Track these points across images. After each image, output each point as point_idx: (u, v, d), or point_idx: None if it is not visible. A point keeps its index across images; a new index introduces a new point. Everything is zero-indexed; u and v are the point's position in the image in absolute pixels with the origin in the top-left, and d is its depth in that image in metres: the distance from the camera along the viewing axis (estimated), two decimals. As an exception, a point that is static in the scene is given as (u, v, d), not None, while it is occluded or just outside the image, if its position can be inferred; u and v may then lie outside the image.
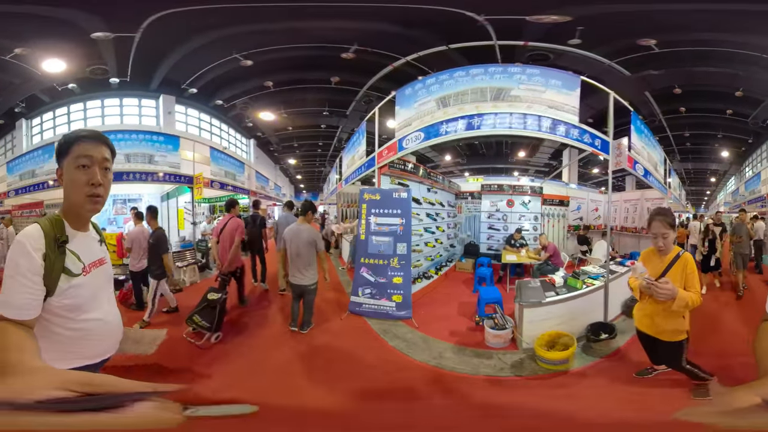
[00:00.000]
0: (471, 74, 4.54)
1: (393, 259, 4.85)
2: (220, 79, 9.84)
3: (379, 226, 4.98)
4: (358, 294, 4.85)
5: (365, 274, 4.91)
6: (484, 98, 4.34)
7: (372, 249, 4.94)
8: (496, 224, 8.68)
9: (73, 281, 1.13)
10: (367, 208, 5.06)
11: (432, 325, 4.38)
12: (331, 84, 10.49)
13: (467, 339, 3.96)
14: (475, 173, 14.50)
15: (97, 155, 1.13)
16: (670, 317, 2.24)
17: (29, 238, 1.07)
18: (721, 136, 10.52)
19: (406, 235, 4.94)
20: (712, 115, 9.53)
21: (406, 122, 5.32)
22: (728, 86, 8.64)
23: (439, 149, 14.35)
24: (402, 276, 4.83)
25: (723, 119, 9.54)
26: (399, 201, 5.00)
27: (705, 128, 10.15)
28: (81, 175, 1.12)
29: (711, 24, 6.81)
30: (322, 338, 3.99)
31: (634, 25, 6.53)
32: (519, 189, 8.71)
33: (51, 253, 1.08)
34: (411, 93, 5.31)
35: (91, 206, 1.16)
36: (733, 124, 9.67)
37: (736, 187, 12.68)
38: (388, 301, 4.73)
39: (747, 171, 11.64)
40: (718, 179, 14.31)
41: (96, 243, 1.30)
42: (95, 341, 1.24)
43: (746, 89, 8.66)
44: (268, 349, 3.76)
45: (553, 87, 4.15)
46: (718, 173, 13.75)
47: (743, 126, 9.57)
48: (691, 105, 9.33)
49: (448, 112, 4.72)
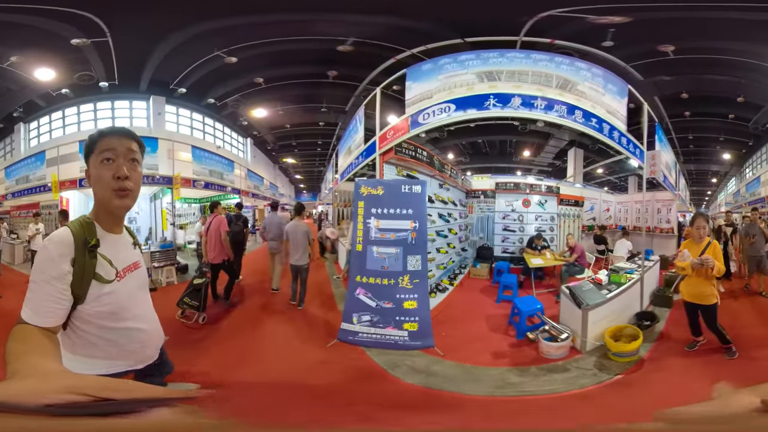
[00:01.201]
0: (533, 58, 4.56)
1: (402, 277, 3.91)
2: (209, 77, 9.89)
3: (383, 233, 3.99)
4: (352, 321, 3.94)
5: (362, 297, 3.95)
6: (549, 83, 4.46)
7: (372, 264, 3.95)
8: (511, 225, 8.70)
9: (106, 288, 1.10)
10: (365, 207, 4.07)
11: (464, 350, 3.81)
12: (329, 79, 10.49)
13: (519, 357, 3.69)
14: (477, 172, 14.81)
15: (120, 147, 1.11)
16: (708, 285, 3.48)
17: (56, 243, 1.04)
18: (722, 139, 11.34)
19: (420, 244, 3.97)
20: (715, 119, 10.22)
21: (423, 95, 4.81)
22: (731, 92, 9.31)
23: (441, 147, 14.59)
24: (417, 299, 3.89)
25: (725, 123, 10.27)
26: (410, 197, 4.06)
27: (708, 131, 10.89)
28: (105, 170, 1.10)
29: (722, 32, 7.33)
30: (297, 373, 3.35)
31: (659, 31, 6.96)
32: (536, 188, 8.85)
33: (80, 258, 1.05)
34: (432, 68, 4.88)
35: (119, 201, 1.11)
36: (735, 127, 10.42)
37: (737, 188, 13.69)
38: (396, 330, 3.86)
39: (747, 172, 12.60)
40: (719, 180, 15.40)
41: (130, 246, 1.27)
42: (133, 349, 1.22)
43: (747, 95, 9.36)
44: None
45: (610, 92, 4.41)
46: (719, 174, 14.81)
47: (744, 129, 10.34)
48: (695, 109, 9.97)
49: (497, 87, 4.56)
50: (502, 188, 8.92)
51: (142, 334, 1.25)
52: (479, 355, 3.75)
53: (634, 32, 6.89)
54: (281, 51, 8.49)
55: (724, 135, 11.14)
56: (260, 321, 4.98)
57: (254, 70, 9.72)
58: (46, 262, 1.02)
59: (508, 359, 3.66)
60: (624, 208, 10.23)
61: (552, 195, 8.81)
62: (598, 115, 4.36)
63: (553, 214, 8.73)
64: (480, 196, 9.43)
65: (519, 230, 8.66)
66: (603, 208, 10.18)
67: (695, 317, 3.70)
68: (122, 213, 1.20)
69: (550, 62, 4.49)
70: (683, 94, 9.42)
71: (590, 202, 9.89)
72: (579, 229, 9.28)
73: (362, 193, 4.09)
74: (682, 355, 3.69)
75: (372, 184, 4.16)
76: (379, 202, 4.03)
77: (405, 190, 4.07)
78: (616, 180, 14.58)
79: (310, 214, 17.74)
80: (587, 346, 3.71)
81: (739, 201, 12.95)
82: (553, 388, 3.12)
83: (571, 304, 3.96)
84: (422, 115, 4.62)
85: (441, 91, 4.69)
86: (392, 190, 4.08)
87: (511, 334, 4.31)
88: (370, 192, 4.08)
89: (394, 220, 3.99)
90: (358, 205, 4.10)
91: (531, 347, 3.88)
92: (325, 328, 4.51)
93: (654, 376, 3.28)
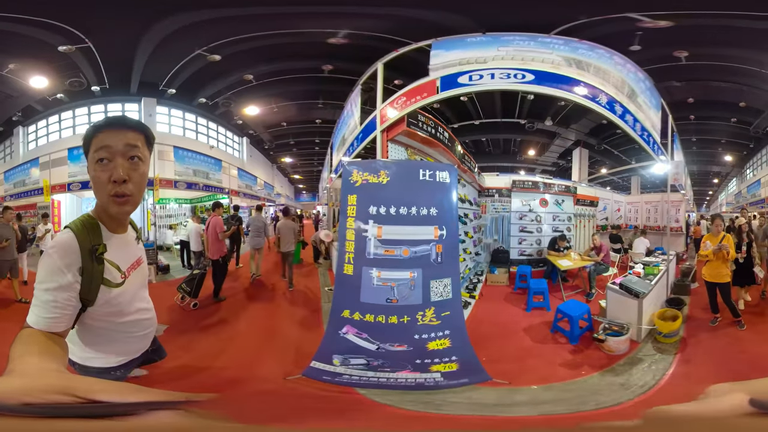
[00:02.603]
0: (614, 60, 4.90)
1: (424, 311, 2.91)
2: (197, 76, 10.07)
3: (389, 247, 2.88)
4: (332, 362, 3.00)
5: (353, 337, 3.01)
6: (622, 90, 4.90)
7: (371, 295, 2.91)
8: (528, 226, 8.81)
9: (114, 291, 1.15)
10: (358, 205, 3.00)
11: (527, 371, 3.53)
12: (324, 73, 10.45)
13: (590, 361, 3.80)
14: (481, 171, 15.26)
15: (116, 144, 1.03)
16: (724, 268, 4.84)
17: (60, 251, 1.03)
18: (724, 142, 12.31)
19: (449, 262, 2.98)
20: (718, 122, 11.10)
21: (463, 60, 4.68)
22: (734, 98, 10.15)
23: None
24: (449, 336, 2.99)
25: (727, 126, 11.18)
26: (433, 190, 3.00)
27: (711, 134, 11.81)
28: (101, 172, 1.04)
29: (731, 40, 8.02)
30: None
31: (675, 37, 7.54)
32: (553, 188, 9.14)
33: (88, 266, 1.06)
34: (481, 41, 4.73)
35: (117, 208, 1.07)
36: (736, 131, 11.35)
37: (738, 189, 14.86)
38: (418, 373, 2.99)
39: (748, 173, 13.72)
40: (721, 181, 16.67)
41: (133, 242, 1.31)
42: (136, 338, 1.34)
43: (749, 101, 10.23)
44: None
45: (653, 105, 4.89)
46: (720, 175, 16.04)
47: (745, 133, 11.28)
48: (700, 113, 10.79)
49: (585, 76, 4.80)
50: (519, 187, 8.92)
51: (147, 323, 1.37)
52: (547, 370, 3.58)
53: (655, 37, 7.41)
54: (269, 46, 8.46)
55: (726, 138, 12.12)
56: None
57: (242, 67, 9.88)
58: (51, 271, 1.01)
59: (581, 368, 3.66)
60: (634, 208, 10.99)
61: (569, 195, 9.24)
62: (646, 128, 4.89)
63: (570, 214, 9.16)
64: (494, 195, 9.27)
65: (536, 231, 8.79)
66: (614, 208, 10.86)
67: (714, 295, 4.97)
68: (123, 219, 1.21)
69: (622, 67, 4.89)
70: (690, 99, 10.17)
71: (603, 203, 10.51)
72: (593, 228, 9.85)
73: (353, 182, 2.91)
74: (709, 330, 4.88)
75: (370, 168, 2.93)
76: (382, 196, 2.86)
77: (424, 178, 2.89)
78: (619, 180, 15.48)
79: (304, 216, 18.19)
80: (642, 334, 4.27)
81: (740, 202, 14.16)
82: (656, 378, 3.47)
83: (623, 297, 4.51)
84: (468, 75, 4.33)
85: (501, 60, 4.67)
86: (404, 178, 2.90)
87: (562, 342, 4.44)
88: (368, 180, 2.85)
89: (407, 226, 2.82)
90: (348, 201, 2.95)
91: (592, 348, 4.14)
92: (295, 351, 3.72)
93: (698, 348, 4.23)
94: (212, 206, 7.21)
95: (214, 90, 11.30)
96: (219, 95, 11.59)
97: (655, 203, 10.30)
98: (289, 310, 6.23)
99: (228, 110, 12.66)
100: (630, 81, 4.87)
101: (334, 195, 10.49)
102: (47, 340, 0.94)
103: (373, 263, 2.94)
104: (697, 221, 11.71)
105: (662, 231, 9.54)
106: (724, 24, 6.87)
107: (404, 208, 2.90)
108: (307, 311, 5.97)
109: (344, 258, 3.06)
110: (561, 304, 4.94)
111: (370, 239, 2.94)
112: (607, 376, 3.52)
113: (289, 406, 2.44)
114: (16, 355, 0.79)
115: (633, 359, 3.88)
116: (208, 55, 8.63)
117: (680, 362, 3.87)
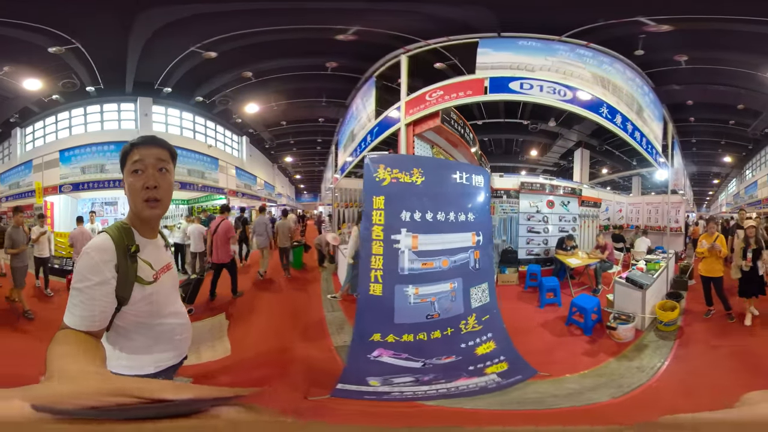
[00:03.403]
0: (627, 75, 5.29)
1: (467, 320, 2.94)
2: (193, 74, 10.13)
3: (426, 259, 2.69)
4: (370, 383, 2.80)
5: (390, 359, 2.81)
6: (632, 106, 5.29)
7: (406, 315, 2.73)
8: (536, 227, 9.28)
9: (147, 289, 1.27)
10: (386, 209, 2.64)
11: (558, 363, 3.82)
12: (327, 71, 10.59)
13: (604, 349, 4.37)
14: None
15: (148, 158, 1.25)
16: (718, 263, 5.54)
17: (98, 250, 1.18)
18: (724, 143, 12.96)
19: (486, 267, 3.05)
20: (717, 124, 11.69)
21: (513, 65, 4.70)
22: (732, 101, 10.73)
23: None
24: (492, 338, 3.08)
25: (726, 128, 11.78)
26: (468, 194, 2.98)
27: (710, 135, 12.42)
28: (135, 180, 1.24)
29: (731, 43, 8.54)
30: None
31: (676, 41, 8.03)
32: (559, 189, 9.67)
33: (123, 264, 1.20)
34: (531, 46, 4.60)
35: (149, 211, 1.26)
36: (735, 132, 11.97)
37: (737, 190, 15.59)
38: (475, 378, 2.93)
39: (747, 174, 14.45)
40: (721, 182, 17.43)
41: (163, 249, 1.46)
42: (171, 343, 1.43)
43: (746, 103, 10.81)
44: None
45: (655, 117, 5.36)
46: (720, 176, 16.76)
47: (744, 134, 11.89)
48: (699, 115, 11.36)
49: (606, 95, 5.12)
50: (527, 188, 9.33)
51: (181, 328, 1.47)
52: (573, 360, 3.99)
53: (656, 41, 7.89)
54: (269, 42, 8.41)
55: (725, 139, 12.76)
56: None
57: (240, 64, 9.87)
58: (89, 268, 1.14)
59: (601, 354, 4.22)
60: (636, 209, 11.57)
61: (574, 196, 9.74)
62: (650, 141, 5.37)
63: (575, 215, 9.67)
64: (503, 196, 9.46)
65: (543, 231, 9.28)
66: (616, 209, 11.41)
67: (709, 289, 5.68)
68: (154, 222, 1.38)
69: (632, 81, 5.32)
70: (689, 101, 10.72)
71: (606, 204, 11.03)
72: (597, 229, 10.35)
73: (380, 180, 2.55)
74: (703, 321, 5.61)
75: (400, 164, 2.61)
76: (416, 199, 2.59)
77: (461, 180, 2.80)
78: (620, 180, 16.09)
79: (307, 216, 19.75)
80: (646, 322, 4.87)
81: (738, 203, 14.88)
82: (662, 361, 4.07)
83: (629, 290, 5.16)
84: (520, 83, 4.23)
85: (548, 71, 4.78)
86: (438, 179, 2.72)
87: (577, 334, 4.98)
88: (398, 178, 2.55)
89: (445, 234, 2.67)
90: (373, 204, 2.59)
91: (604, 338, 4.76)
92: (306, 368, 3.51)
93: (693, 336, 4.96)
94: (221, 208, 7.53)
95: (211, 88, 11.36)
96: (217, 93, 11.65)
97: (655, 204, 10.90)
98: (290, 322, 5.67)
99: (226, 108, 12.68)
100: (637, 96, 5.33)
101: (339, 195, 10.53)
102: (85, 340, 0.98)
103: (408, 280, 2.60)
104: (696, 222, 12.37)
105: (662, 231, 10.10)
106: (721, 28, 7.36)
107: (441, 213, 2.69)
108: (309, 321, 5.65)
109: (369, 276, 2.60)
110: (575, 299, 5.46)
111: (403, 252, 2.54)
112: (623, 361, 4.10)
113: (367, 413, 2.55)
114: (54, 357, 0.81)
115: (639, 345, 4.51)
116: (203, 53, 8.63)
117: (679, 346, 4.54)
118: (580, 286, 7.72)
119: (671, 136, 5.84)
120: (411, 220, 2.66)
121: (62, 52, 8.20)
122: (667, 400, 3.26)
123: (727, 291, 5.57)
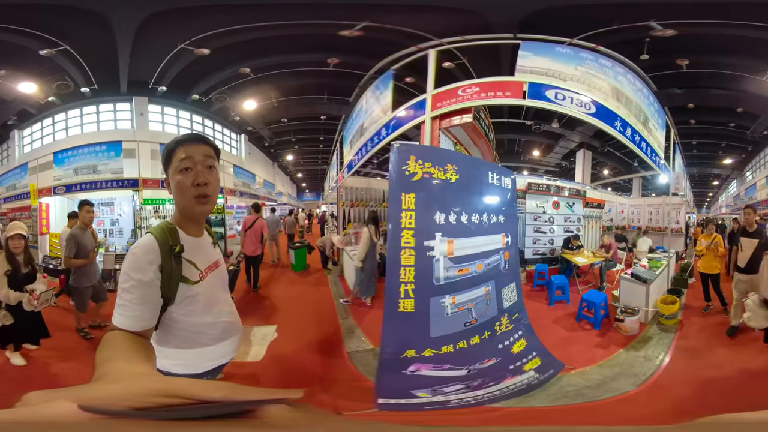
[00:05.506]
0: (637, 86, 5.64)
1: (500, 320, 3.02)
2: (187, 72, 10.35)
3: (462, 266, 2.64)
4: (418, 395, 2.71)
5: (431, 372, 2.75)
6: (639, 117, 5.74)
7: (443, 327, 2.67)
8: (542, 227, 9.76)
9: (193, 288, 1.30)
10: (418, 210, 2.45)
11: (577, 356, 4.08)
12: (329, 67, 10.46)
13: (613, 341, 4.84)
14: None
15: (197, 155, 1.27)
16: (716, 261, 6.06)
17: (143, 250, 1.22)
18: (724, 145, 13.62)
19: (514, 268, 3.19)
20: (717, 127, 12.31)
21: (549, 72, 4.65)
22: (732, 104, 11.32)
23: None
24: (523, 335, 3.27)
25: (726, 130, 12.42)
26: (500, 195, 3.02)
27: (710, 138, 13.05)
28: (185, 178, 1.26)
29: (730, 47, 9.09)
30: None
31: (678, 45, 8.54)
32: (564, 191, 10.21)
33: (167, 264, 1.23)
34: (566, 53, 4.52)
35: (200, 207, 1.29)
36: (735, 134, 12.61)
37: (738, 191, 16.29)
38: (519, 377, 3.00)
39: (748, 176, 15.14)
40: (721, 183, 18.19)
41: (210, 246, 1.47)
42: (220, 342, 1.45)
43: (746, 107, 11.41)
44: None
45: (660, 126, 5.86)
46: (720, 177, 17.50)
47: (743, 136, 12.53)
48: (699, 118, 11.96)
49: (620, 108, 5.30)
50: (534, 189, 9.73)
51: (230, 327, 1.50)
52: (589, 353, 4.42)
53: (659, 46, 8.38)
54: (266, 38, 8.53)
55: (725, 141, 13.44)
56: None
57: (238, 60, 10.05)
58: (134, 269, 1.18)
59: (611, 346, 4.68)
60: (637, 210, 12.15)
61: (579, 198, 10.27)
62: (654, 150, 5.86)
63: (579, 215, 10.21)
64: None
65: (549, 231, 9.77)
66: (618, 210, 11.99)
67: (707, 285, 6.23)
68: (203, 219, 1.41)
69: (641, 92, 5.78)
70: (690, 105, 11.31)
71: (609, 205, 11.58)
72: (600, 230, 10.88)
73: (410, 174, 2.33)
74: (701, 316, 6.15)
75: (434, 157, 2.41)
76: (451, 198, 2.46)
77: (492, 182, 2.76)
78: (621, 181, 16.68)
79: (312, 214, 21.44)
80: (649, 315, 5.45)
81: (738, 204, 15.56)
82: (665, 350, 4.58)
83: (634, 285, 5.72)
84: (555, 91, 4.22)
85: (576, 81, 4.82)
86: (473, 178, 2.59)
87: (587, 328, 5.45)
88: (431, 173, 2.33)
89: (479, 237, 2.60)
90: (402, 203, 2.35)
91: (612, 331, 5.27)
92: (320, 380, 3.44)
93: (692, 329, 5.53)
94: (253, 207, 8.59)
95: (208, 85, 11.55)
96: (213, 91, 11.83)
97: (656, 206, 11.50)
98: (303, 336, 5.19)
99: (223, 106, 12.80)
100: (644, 106, 5.82)
101: (344, 194, 10.54)
102: (133, 341, 1.01)
103: (444, 290, 2.49)
104: (697, 223, 13.03)
105: (663, 232, 10.66)
106: (722, 33, 7.88)
107: (476, 215, 2.60)
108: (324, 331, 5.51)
109: (398, 291, 2.39)
110: (584, 294, 5.87)
111: (438, 260, 2.39)
112: (631, 352, 4.61)
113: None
114: (103, 359, 0.82)
115: (644, 337, 5.07)
116: (194, 49, 8.68)
117: (680, 338, 5.11)
118: (585, 284, 8.28)
119: (673, 141, 6.31)
120: (446, 222, 2.49)
121: (53, 55, 8.54)
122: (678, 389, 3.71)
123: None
